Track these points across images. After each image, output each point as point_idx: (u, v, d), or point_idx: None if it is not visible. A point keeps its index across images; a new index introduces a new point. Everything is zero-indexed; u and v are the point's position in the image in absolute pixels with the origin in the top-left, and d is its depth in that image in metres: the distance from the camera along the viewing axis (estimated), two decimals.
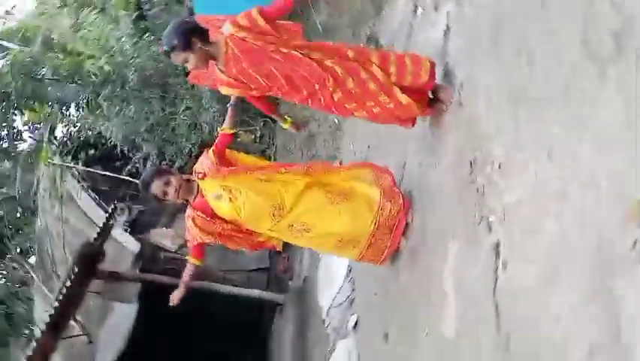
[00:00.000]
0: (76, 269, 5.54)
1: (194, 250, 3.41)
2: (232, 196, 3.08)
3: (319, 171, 3.30)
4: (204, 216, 3.23)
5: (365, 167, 3.51)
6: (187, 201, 3.31)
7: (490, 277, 2.23)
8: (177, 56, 2.83)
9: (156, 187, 3.15)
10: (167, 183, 3.14)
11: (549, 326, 1.80)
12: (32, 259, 10.08)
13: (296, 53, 2.77)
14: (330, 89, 2.85)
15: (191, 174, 3.28)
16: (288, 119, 3.45)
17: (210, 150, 3.22)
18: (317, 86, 2.86)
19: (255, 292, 7.20)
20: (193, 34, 2.80)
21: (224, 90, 3.05)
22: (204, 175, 3.13)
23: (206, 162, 3.18)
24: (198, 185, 3.23)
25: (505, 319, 2.10)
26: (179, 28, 2.85)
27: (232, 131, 3.31)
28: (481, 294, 2.28)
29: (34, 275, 9.00)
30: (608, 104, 1.72)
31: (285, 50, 2.75)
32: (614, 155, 1.65)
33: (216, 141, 3.28)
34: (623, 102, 1.65)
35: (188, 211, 3.31)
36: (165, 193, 3.16)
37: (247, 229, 3.32)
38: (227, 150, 3.36)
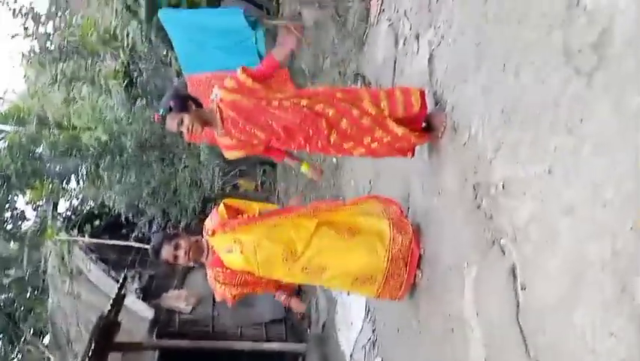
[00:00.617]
0: (93, 344, 5.44)
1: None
2: (243, 248, 3.03)
3: (325, 211, 3.26)
4: (224, 270, 3.18)
5: (370, 199, 3.49)
6: (198, 261, 3.26)
7: (512, 301, 2.16)
8: (173, 118, 2.90)
9: (166, 253, 3.10)
10: (177, 247, 3.09)
11: (577, 345, 1.74)
12: (47, 339, 9.94)
13: (287, 103, 2.81)
14: (325, 132, 2.87)
15: (200, 232, 3.25)
16: (305, 162, 3.40)
17: (222, 207, 3.20)
18: (311, 132, 2.88)
19: (275, 346, 7.05)
20: (188, 99, 2.93)
21: (231, 155, 3.12)
22: (214, 232, 3.11)
23: (215, 217, 3.17)
24: (208, 243, 3.19)
25: (532, 341, 2.03)
26: (174, 93, 2.96)
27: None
28: (504, 319, 2.21)
29: (50, 355, 8.86)
30: (600, 110, 1.71)
31: (275, 103, 2.80)
32: (615, 160, 1.63)
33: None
34: (613, 107, 1.65)
35: (208, 272, 3.26)
36: (176, 257, 3.10)
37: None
38: (237, 201, 3.35)
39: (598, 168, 1.70)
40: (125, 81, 8.29)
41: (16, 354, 10.34)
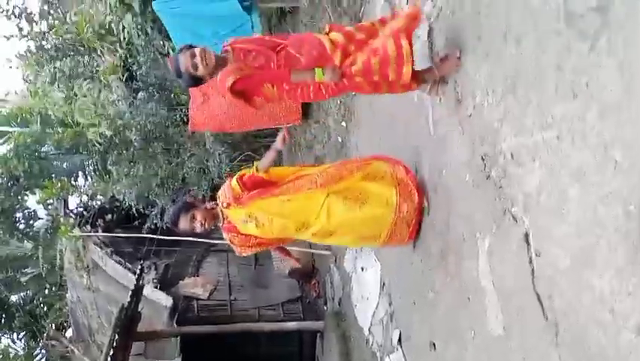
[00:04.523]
0: (116, 336, 5.55)
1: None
2: (257, 222, 3.23)
3: (334, 178, 3.34)
4: (238, 235, 3.39)
5: (377, 160, 3.55)
6: (216, 226, 3.44)
7: (526, 268, 2.20)
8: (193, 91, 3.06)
9: (184, 225, 3.26)
10: (193, 218, 3.25)
11: (595, 306, 1.77)
12: (69, 333, 10.13)
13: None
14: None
15: (214, 201, 3.41)
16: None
17: (235, 181, 3.29)
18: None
19: (293, 325, 7.14)
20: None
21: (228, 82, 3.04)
22: (229, 205, 3.26)
23: (228, 191, 3.28)
24: (222, 212, 3.33)
25: (549, 305, 2.06)
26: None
27: (264, 176, 3.31)
28: (520, 286, 2.25)
29: (73, 348, 9.04)
30: (605, 72, 1.71)
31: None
32: (622, 121, 1.64)
33: (246, 176, 3.30)
34: (618, 69, 1.65)
35: (224, 235, 3.46)
36: (193, 228, 3.27)
37: None
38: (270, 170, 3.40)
39: (605, 131, 1.72)
40: (125, 75, 8.28)
41: (40, 350, 10.55)
